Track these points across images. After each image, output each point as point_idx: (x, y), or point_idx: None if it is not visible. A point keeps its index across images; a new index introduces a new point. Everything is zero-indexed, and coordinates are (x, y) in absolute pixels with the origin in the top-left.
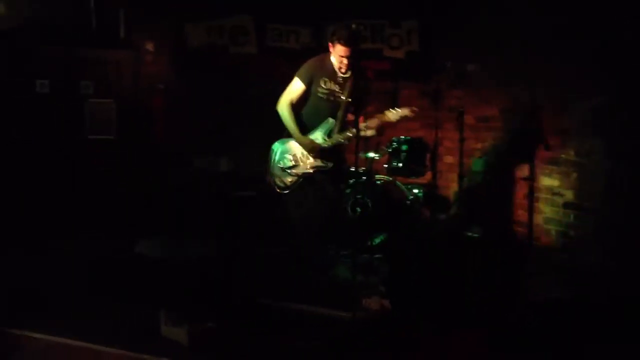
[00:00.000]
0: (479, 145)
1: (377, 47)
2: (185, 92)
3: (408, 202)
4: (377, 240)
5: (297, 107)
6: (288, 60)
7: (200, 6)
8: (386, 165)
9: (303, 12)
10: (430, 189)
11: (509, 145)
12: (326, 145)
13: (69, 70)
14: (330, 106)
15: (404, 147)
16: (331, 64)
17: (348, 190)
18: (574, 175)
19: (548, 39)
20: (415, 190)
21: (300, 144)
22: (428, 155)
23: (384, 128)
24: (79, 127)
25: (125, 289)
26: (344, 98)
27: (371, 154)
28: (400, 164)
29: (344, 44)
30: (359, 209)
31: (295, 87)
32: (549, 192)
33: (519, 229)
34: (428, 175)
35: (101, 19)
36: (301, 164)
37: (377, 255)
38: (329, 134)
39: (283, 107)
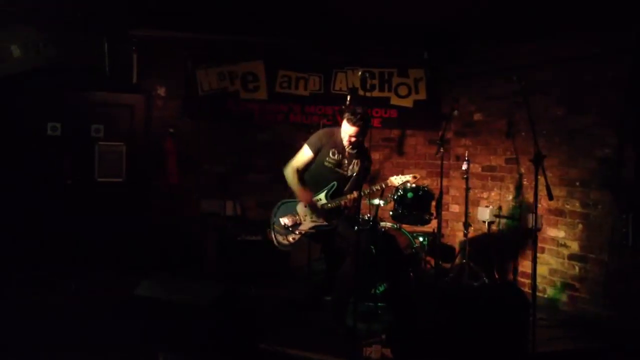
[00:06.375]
0: (484, 195)
1: (385, 96)
2: (196, 136)
3: (413, 249)
4: (382, 288)
5: (301, 172)
6: (297, 106)
7: (211, 52)
8: (392, 213)
9: (313, 60)
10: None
11: (513, 194)
12: (329, 206)
13: (80, 114)
14: (335, 175)
15: (410, 195)
16: (341, 138)
17: None
18: (580, 226)
19: (555, 91)
20: (420, 238)
21: (304, 202)
22: (433, 203)
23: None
24: (88, 169)
25: (124, 328)
26: (349, 173)
27: (377, 201)
28: (406, 212)
29: (352, 124)
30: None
31: (304, 155)
32: (555, 243)
33: (523, 279)
34: (433, 223)
35: (114, 63)
36: (303, 222)
37: (380, 304)
38: (332, 196)
39: (290, 172)
